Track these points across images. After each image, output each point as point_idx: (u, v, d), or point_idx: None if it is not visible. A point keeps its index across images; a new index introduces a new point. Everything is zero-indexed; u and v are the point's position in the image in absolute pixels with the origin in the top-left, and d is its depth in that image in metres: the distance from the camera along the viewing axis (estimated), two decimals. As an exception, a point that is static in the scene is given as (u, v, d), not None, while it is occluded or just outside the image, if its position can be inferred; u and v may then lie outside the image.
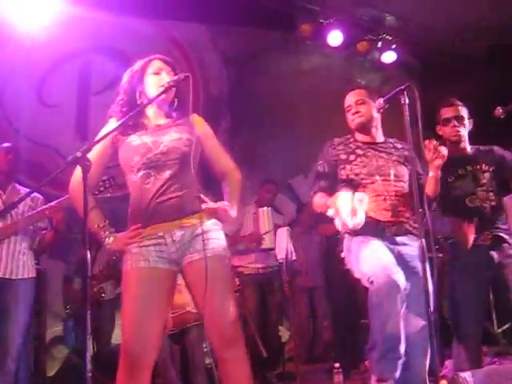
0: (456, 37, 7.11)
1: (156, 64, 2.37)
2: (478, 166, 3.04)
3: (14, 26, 5.22)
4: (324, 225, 4.92)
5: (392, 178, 2.67)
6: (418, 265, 2.42)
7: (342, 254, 2.74)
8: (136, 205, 2.24)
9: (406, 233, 2.63)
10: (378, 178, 2.64)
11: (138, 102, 2.32)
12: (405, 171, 2.74)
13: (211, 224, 2.22)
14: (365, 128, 2.79)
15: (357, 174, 2.66)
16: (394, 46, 6.83)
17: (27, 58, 5.43)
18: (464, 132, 3.07)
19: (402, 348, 2.39)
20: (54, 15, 5.32)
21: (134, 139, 2.26)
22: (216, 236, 2.22)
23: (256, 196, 5.08)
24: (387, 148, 2.77)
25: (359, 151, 2.72)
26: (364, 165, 2.68)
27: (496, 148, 3.09)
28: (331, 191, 2.69)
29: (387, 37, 6.77)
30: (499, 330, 4.82)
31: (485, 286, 2.97)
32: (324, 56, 6.93)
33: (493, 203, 2.97)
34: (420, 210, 2.32)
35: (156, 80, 2.32)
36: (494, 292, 3.08)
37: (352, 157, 2.71)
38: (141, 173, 2.21)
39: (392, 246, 2.60)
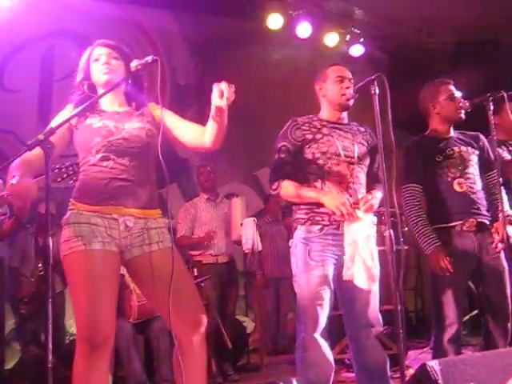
0: (423, 32, 7.22)
1: (96, 51, 2.34)
2: (465, 148, 3.05)
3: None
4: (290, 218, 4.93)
5: (356, 159, 2.64)
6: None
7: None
8: (89, 182, 2.18)
9: None
10: (343, 158, 2.61)
11: (87, 92, 2.30)
12: (367, 154, 2.73)
13: (163, 222, 2.27)
14: (345, 109, 2.74)
15: (323, 153, 2.60)
16: (361, 40, 6.87)
17: (-13, 40, 5.28)
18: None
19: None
20: (16, -3, 5.19)
21: (95, 122, 2.22)
22: (167, 233, 2.26)
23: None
24: (351, 130, 2.74)
25: (325, 130, 2.66)
26: (330, 144, 2.63)
27: (480, 135, 3.11)
28: (297, 176, 2.66)
29: (355, 30, 6.80)
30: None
31: (468, 274, 2.96)
32: (292, 47, 6.92)
33: (478, 188, 2.99)
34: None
35: (96, 67, 2.30)
36: (472, 282, 3.08)
37: (318, 135, 2.64)
38: (100, 155, 2.18)
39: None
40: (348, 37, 6.83)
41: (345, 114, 2.77)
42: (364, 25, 6.86)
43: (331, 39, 6.79)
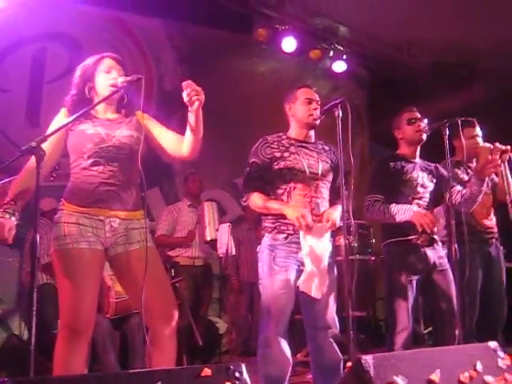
0: (404, 51, 7.48)
1: (107, 62, 2.52)
2: (425, 175, 3.32)
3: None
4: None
5: (320, 175, 2.88)
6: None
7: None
8: (79, 185, 2.39)
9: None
10: (308, 174, 2.85)
11: (88, 97, 2.49)
12: (330, 171, 2.96)
13: (144, 223, 2.45)
14: (311, 128, 2.98)
15: (289, 169, 2.84)
16: (344, 57, 7.13)
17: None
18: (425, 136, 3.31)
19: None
20: (9, -1, 5.35)
21: (88, 128, 2.42)
22: (148, 233, 2.46)
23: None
24: (317, 148, 2.98)
25: (292, 149, 2.89)
26: (297, 161, 2.86)
27: (439, 166, 3.39)
28: (265, 190, 2.90)
29: (339, 47, 7.05)
30: (425, 331, 5.09)
31: (419, 286, 3.21)
32: (277, 60, 7.16)
33: (430, 211, 3.25)
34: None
35: (106, 78, 2.48)
36: (422, 293, 3.29)
37: (286, 154, 2.88)
38: (91, 160, 2.38)
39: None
40: (331, 53, 7.07)
41: (312, 132, 3.00)
42: (347, 42, 7.11)
43: (315, 54, 7.04)
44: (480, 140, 3.69)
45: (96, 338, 3.72)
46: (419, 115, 3.35)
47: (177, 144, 2.51)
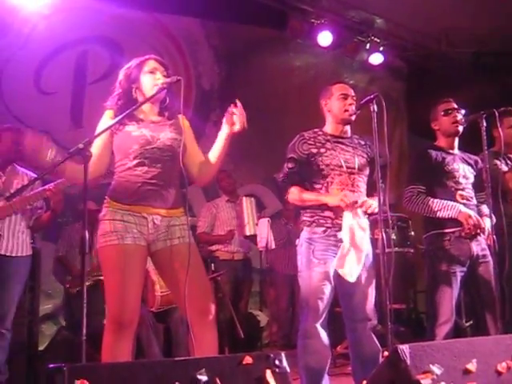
0: (442, 42, 7.37)
1: (151, 64, 2.62)
2: (467, 167, 3.33)
3: (15, 14, 5.40)
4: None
5: (356, 170, 2.92)
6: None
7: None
8: (124, 184, 2.50)
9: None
10: (344, 169, 2.90)
11: (134, 97, 2.58)
12: (367, 165, 3.00)
13: (185, 220, 2.56)
14: (347, 123, 3.02)
15: (327, 165, 2.89)
16: (381, 49, 7.05)
17: (26, 45, 5.62)
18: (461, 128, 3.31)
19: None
20: (53, 4, 5.52)
21: (133, 130, 2.52)
22: (188, 229, 2.57)
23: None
24: (352, 143, 3.02)
25: (328, 145, 2.94)
26: (333, 157, 2.91)
27: (479, 160, 3.36)
28: (303, 185, 2.96)
29: (375, 39, 6.98)
30: (467, 324, 5.04)
31: (462, 278, 3.22)
32: (313, 55, 7.16)
33: (474, 202, 3.28)
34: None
35: (151, 78, 2.58)
36: (465, 285, 3.29)
37: (322, 150, 2.93)
38: (136, 160, 2.48)
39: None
40: (368, 45, 7.02)
41: (347, 127, 3.04)
42: (384, 34, 7.06)
43: (352, 48, 7.03)
44: (521, 129, 3.65)
45: (141, 332, 3.85)
46: (455, 106, 3.34)
47: (194, 167, 2.64)
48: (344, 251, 2.76)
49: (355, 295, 2.85)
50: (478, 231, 3.14)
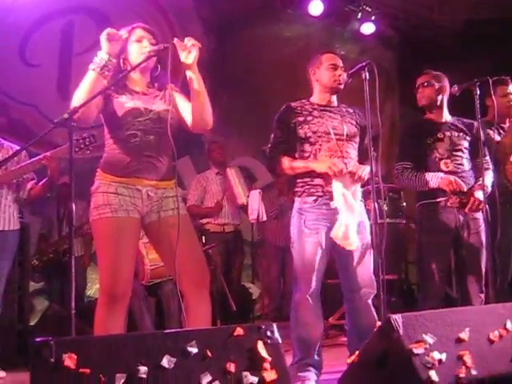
0: (434, 10, 7.28)
1: (138, 32, 2.55)
2: (455, 133, 3.28)
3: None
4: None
5: (345, 137, 2.88)
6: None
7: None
8: (117, 156, 2.45)
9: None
10: (333, 136, 2.85)
11: (123, 69, 2.52)
12: (356, 132, 2.96)
13: (178, 192, 2.52)
14: (335, 93, 2.98)
15: (314, 132, 2.86)
16: (373, 18, 6.97)
17: (9, 16, 5.49)
18: (437, 97, 3.30)
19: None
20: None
21: (126, 101, 2.47)
22: (181, 201, 2.56)
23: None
24: (340, 111, 2.98)
25: (315, 113, 2.91)
26: (320, 124, 2.87)
27: (476, 124, 3.29)
28: (291, 154, 2.92)
29: (367, 8, 6.89)
30: (458, 294, 5.07)
31: (449, 248, 3.23)
32: (304, 25, 7.06)
33: (465, 169, 3.23)
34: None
35: (138, 47, 2.52)
36: (454, 255, 3.30)
37: (309, 118, 2.89)
38: (129, 132, 2.44)
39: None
40: (359, 15, 6.93)
41: (334, 97, 3.00)
42: (375, 3, 6.95)
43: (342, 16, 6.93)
44: (514, 98, 3.62)
45: (133, 305, 3.84)
46: (432, 78, 3.31)
47: (188, 118, 2.55)
48: (341, 220, 2.73)
49: (352, 265, 2.83)
50: (465, 201, 3.12)
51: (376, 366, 1.86)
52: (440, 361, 1.79)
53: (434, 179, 3.15)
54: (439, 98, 3.30)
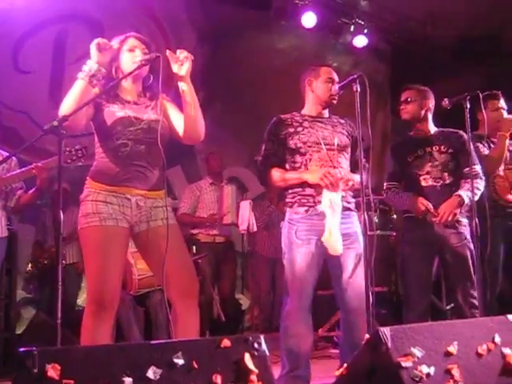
0: (427, 25, 7.32)
1: (131, 42, 2.56)
2: (436, 147, 3.29)
3: (-9, -10, 5.28)
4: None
5: (336, 147, 2.88)
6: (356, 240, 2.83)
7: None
8: (107, 165, 2.45)
9: (344, 209, 2.82)
10: (323, 146, 2.85)
11: (115, 77, 2.52)
12: (348, 143, 2.96)
13: (168, 202, 2.54)
14: (328, 106, 2.99)
15: (304, 143, 2.86)
16: (365, 31, 6.99)
17: (3, 22, 5.47)
18: (420, 112, 3.34)
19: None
20: (31, -20, 5.39)
21: (117, 110, 2.47)
22: (171, 211, 2.56)
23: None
24: (332, 122, 2.99)
25: (306, 123, 2.92)
26: (310, 134, 2.88)
27: (461, 133, 3.29)
28: (282, 166, 2.92)
29: (360, 21, 6.92)
30: (448, 307, 5.06)
31: (430, 261, 3.25)
32: (297, 36, 7.08)
33: (446, 182, 3.24)
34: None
35: (130, 56, 2.52)
36: (442, 268, 3.33)
37: (299, 128, 2.90)
38: (120, 141, 2.43)
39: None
40: (352, 27, 6.96)
41: (326, 110, 3.02)
42: (368, 16, 7.00)
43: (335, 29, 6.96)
44: (505, 113, 3.64)
45: (120, 314, 3.81)
46: (416, 93, 3.35)
47: (179, 129, 2.56)
48: (327, 224, 2.72)
49: (343, 275, 2.82)
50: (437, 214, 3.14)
51: (364, 379, 1.84)
52: (428, 374, 1.77)
53: (407, 201, 3.25)
54: (422, 113, 3.34)
